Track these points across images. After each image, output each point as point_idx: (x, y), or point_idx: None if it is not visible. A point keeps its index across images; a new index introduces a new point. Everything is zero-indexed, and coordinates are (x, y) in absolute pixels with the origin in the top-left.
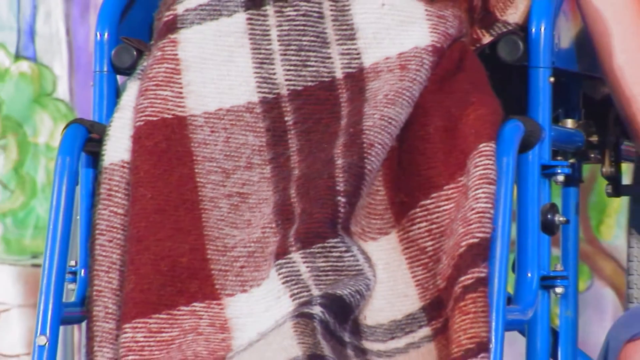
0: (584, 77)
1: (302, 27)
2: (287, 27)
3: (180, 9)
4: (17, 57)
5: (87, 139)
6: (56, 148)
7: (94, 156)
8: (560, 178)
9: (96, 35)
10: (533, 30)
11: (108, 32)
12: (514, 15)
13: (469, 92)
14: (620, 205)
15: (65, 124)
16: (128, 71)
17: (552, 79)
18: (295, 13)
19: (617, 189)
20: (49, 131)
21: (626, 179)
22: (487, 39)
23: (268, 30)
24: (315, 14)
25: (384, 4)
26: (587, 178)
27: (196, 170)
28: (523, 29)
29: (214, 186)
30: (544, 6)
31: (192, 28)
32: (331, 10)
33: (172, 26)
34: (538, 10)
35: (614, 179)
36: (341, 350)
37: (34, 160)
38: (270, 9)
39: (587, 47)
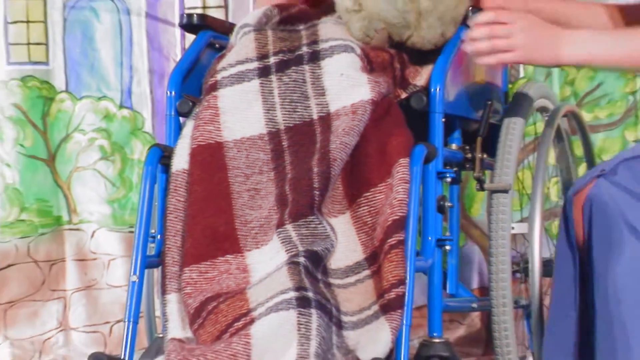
0: (462, 118)
1: (292, 88)
2: (284, 88)
3: (219, 77)
4: (121, 106)
5: (162, 156)
6: (143, 161)
7: (166, 166)
8: (448, 180)
9: (167, 93)
10: (432, 90)
11: (175, 91)
12: (420, 81)
13: (392, 128)
14: (483, 196)
15: (148, 147)
16: (187, 115)
17: (443, 120)
18: (288, 80)
19: (482, 186)
20: (140, 151)
21: (487, 181)
22: (404, 95)
23: (272, 90)
24: (301, 80)
25: (342, 74)
26: (464, 179)
27: (228, 175)
28: (426, 89)
29: (239, 184)
30: (438, 75)
31: (226, 88)
32: (310, 78)
33: (214, 87)
34: (435, 78)
35: (480, 180)
36: (316, 284)
37: (130, 169)
38: (274, 77)
39: (464, 100)
